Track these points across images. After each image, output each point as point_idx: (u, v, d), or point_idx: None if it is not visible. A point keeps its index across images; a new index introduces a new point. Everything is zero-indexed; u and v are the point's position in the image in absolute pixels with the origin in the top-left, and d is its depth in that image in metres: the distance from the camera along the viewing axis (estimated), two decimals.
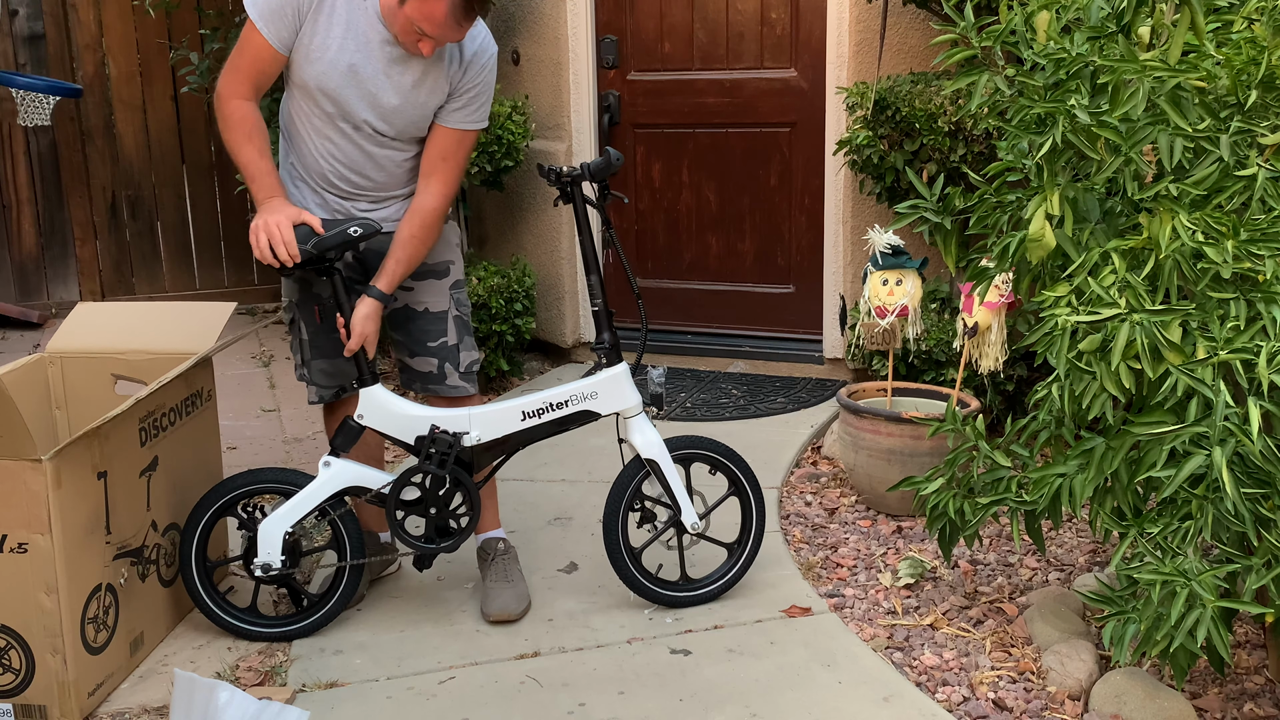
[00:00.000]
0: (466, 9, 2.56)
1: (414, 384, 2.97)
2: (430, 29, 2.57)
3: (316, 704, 2.54)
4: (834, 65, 4.48)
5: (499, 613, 2.87)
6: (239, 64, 2.69)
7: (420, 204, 2.79)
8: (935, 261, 4.28)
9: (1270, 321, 2.20)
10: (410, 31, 2.60)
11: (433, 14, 2.55)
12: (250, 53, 2.67)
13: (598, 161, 2.75)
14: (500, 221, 5.37)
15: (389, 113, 2.73)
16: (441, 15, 2.55)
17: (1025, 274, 2.67)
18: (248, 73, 2.69)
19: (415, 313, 2.91)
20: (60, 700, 2.47)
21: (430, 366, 2.93)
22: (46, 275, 6.10)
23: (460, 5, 2.55)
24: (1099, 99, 2.44)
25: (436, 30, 2.58)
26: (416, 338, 2.92)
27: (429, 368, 2.93)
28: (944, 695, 2.57)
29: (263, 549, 2.74)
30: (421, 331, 2.92)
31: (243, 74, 2.69)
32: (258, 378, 5.03)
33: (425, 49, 2.63)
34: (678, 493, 2.87)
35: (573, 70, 4.89)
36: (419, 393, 2.99)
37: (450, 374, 2.94)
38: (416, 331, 2.92)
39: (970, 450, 2.83)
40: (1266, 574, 2.18)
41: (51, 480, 2.38)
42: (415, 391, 2.99)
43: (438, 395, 2.96)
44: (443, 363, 2.93)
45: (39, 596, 2.42)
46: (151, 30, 5.98)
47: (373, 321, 2.73)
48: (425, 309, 2.91)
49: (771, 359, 4.87)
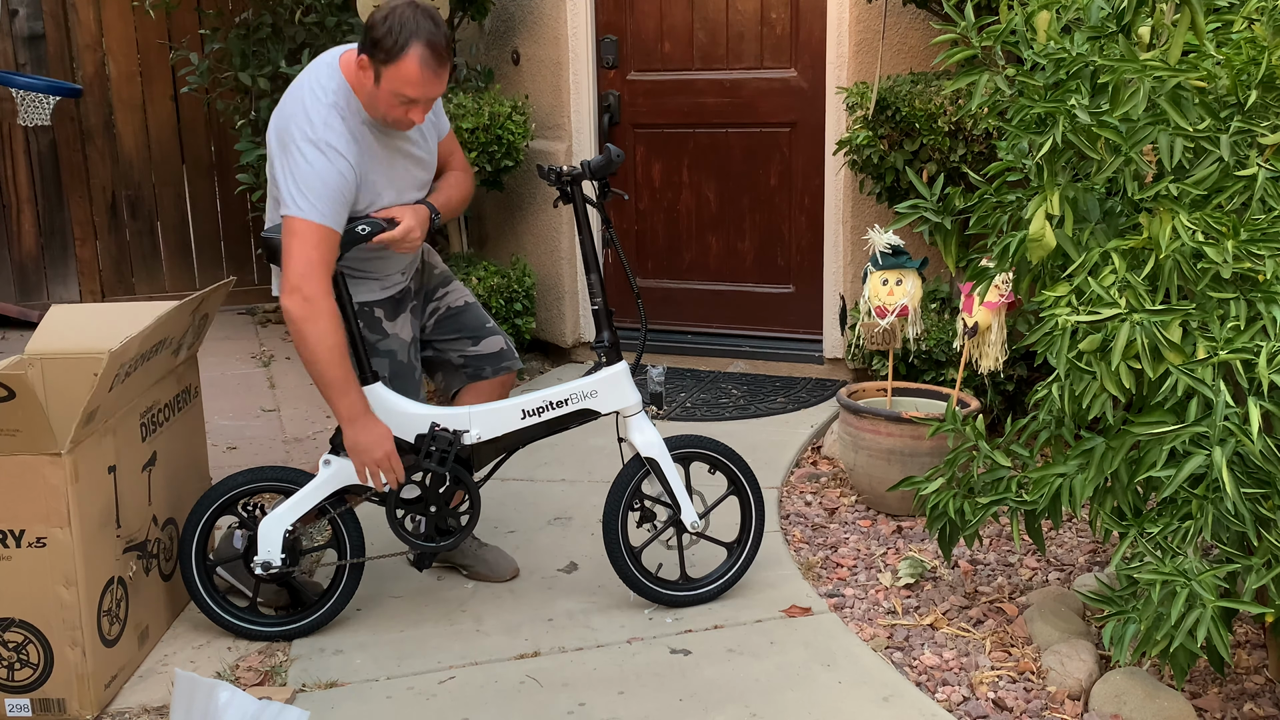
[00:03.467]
0: (437, 58, 2.57)
1: (485, 369, 3.05)
2: (413, 91, 2.57)
3: (316, 704, 2.54)
4: (834, 65, 4.48)
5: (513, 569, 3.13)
6: (318, 260, 2.57)
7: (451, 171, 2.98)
8: (935, 261, 4.28)
9: (1270, 321, 2.20)
10: (396, 105, 2.60)
11: (407, 75, 2.55)
12: (326, 246, 2.59)
13: (598, 159, 2.75)
14: (500, 221, 5.37)
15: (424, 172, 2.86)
16: (415, 73, 2.55)
17: (1025, 274, 2.67)
18: (330, 265, 2.61)
19: (460, 308, 3.05)
20: (79, 693, 2.50)
21: (499, 344, 3.06)
22: (46, 275, 6.09)
23: (429, 56, 2.55)
24: (1099, 99, 2.44)
25: (419, 90, 2.58)
26: (475, 325, 3.05)
27: (499, 345, 3.06)
28: (944, 695, 2.57)
29: (263, 547, 2.74)
30: (475, 318, 3.06)
31: (325, 269, 2.59)
32: (258, 378, 5.03)
33: (416, 116, 2.64)
34: (677, 492, 2.87)
35: (573, 70, 4.89)
36: (490, 376, 3.05)
37: (513, 348, 3.11)
38: (472, 320, 3.05)
39: (970, 450, 2.83)
40: (1266, 574, 2.18)
41: (70, 474, 2.42)
42: (485, 378, 3.05)
43: (510, 372, 3.08)
44: (504, 339, 3.08)
45: (58, 590, 2.46)
46: (151, 30, 5.98)
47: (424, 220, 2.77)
48: (466, 302, 3.07)
49: (771, 359, 4.87)
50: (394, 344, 2.85)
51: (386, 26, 2.53)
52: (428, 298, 3.02)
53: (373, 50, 2.56)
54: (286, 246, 2.58)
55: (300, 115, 2.61)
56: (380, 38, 2.54)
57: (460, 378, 3.06)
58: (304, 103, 2.62)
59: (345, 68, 2.66)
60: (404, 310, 2.89)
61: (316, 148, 2.57)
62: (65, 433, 2.44)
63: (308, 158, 2.57)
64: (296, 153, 2.58)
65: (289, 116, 2.63)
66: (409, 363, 2.88)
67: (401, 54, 2.53)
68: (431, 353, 3.05)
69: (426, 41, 2.54)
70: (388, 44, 2.53)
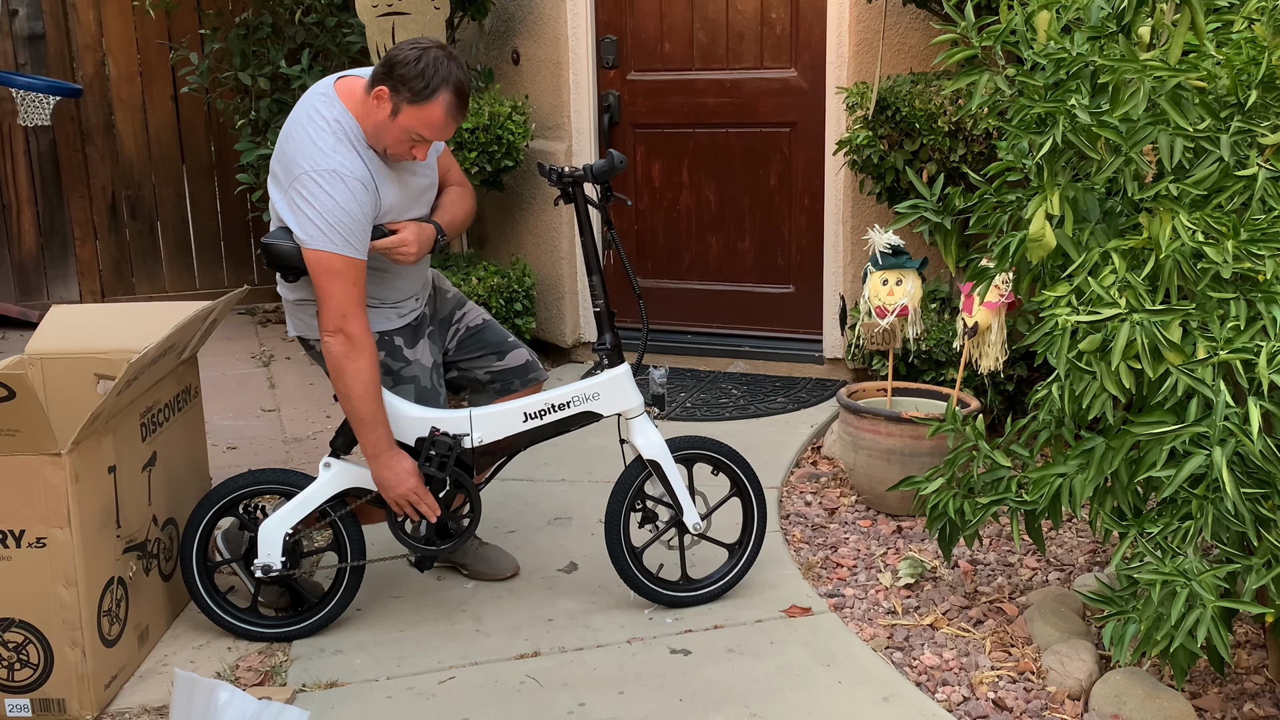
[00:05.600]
0: (461, 106, 2.62)
1: (514, 383, 3.05)
2: (430, 133, 2.61)
3: (316, 704, 2.54)
4: (834, 65, 4.48)
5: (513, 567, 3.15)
6: (355, 295, 2.61)
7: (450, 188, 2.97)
8: (935, 261, 4.28)
9: (1270, 321, 2.20)
10: (404, 141, 2.62)
11: (431, 119, 2.58)
12: (357, 278, 2.61)
13: (601, 163, 2.75)
14: (500, 221, 5.37)
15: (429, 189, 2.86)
16: (440, 119, 2.59)
17: (1025, 274, 2.67)
18: (364, 298, 2.65)
19: (479, 325, 3.06)
20: (79, 693, 2.50)
21: (525, 357, 3.07)
22: (46, 275, 6.09)
23: (454, 104, 2.59)
24: (1099, 99, 2.44)
25: (436, 133, 2.61)
26: (497, 340, 3.06)
27: (524, 358, 3.07)
28: (944, 695, 2.57)
29: (263, 550, 2.74)
30: (496, 334, 3.07)
31: (363, 304, 2.64)
32: (258, 378, 5.03)
33: (420, 153, 2.66)
34: (680, 493, 2.87)
35: (573, 70, 4.89)
36: (520, 389, 3.05)
37: (537, 359, 3.11)
38: (493, 336, 3.06)
39: (970, 450, 2.83)
40: (1266, 574, 2.18)
41: (70, 474, 2.42)
42: (515, 390, 3.05)
43: (538, 383, 3.09)
44: (528, 351, 3.09)
45: (58, 590, 2.46)
46: (151, 30, 5.98)
47: (426, 239, 2.77)
48: (483, 320, 3.07)
49: (771, 359, 4.87)
50: (416, 370, 2.85)
51: (419, 69, 2.55)
52: (445, 322, 3.03)
53: (397, 86, 2.56)
54: (322, 284, 2.59)
55: (308, 147, 2.59)
56: (410, 77, 2.55)
57: (489, 394, 3.06)
58: (308, 134, 2.61)
59: (346, 96, 2.65)
60: (422, 336, 2.90)
61: (335, 177, 2.57)
62: (66, 433, 2.44)
63: (327, 189, 2.56)
64: (314, 185, 2.56)
65: (295, 150, 2.61)
66: (433, 388, 2.88)
67: (431, 98, 2.56)
68: (456, 374, 3.05)
69: (455, 89, 2.59)
70: (418, 86, 2.55)
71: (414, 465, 2.71)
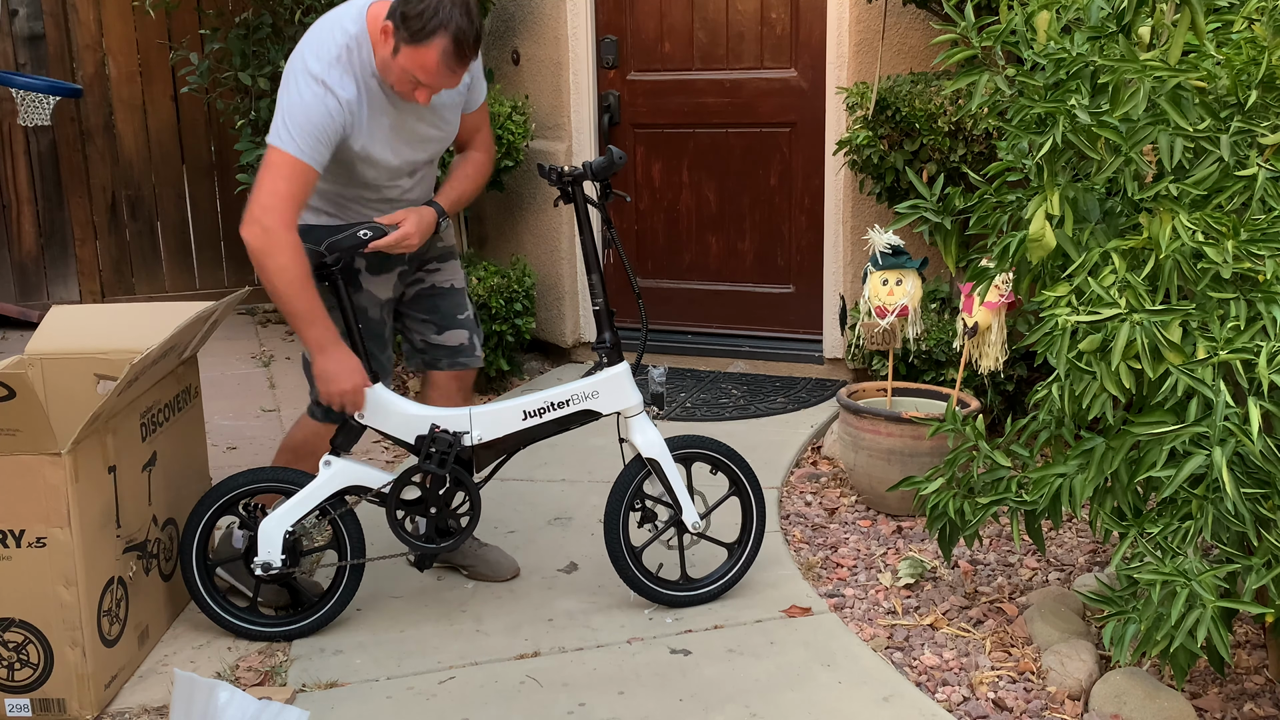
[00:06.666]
0: (459, 55, 2.55)
1: (440, 361, 3.02)
2: (425, 77, 2.57)
3: (316, 704, 2.54)
4: (834, 65, 4.48)
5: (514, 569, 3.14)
6: (285, 193, 2.54)
7: (471, 156, 2.93)
8: (935, 261, 4.28)
9: (1270, 321, 2.20)
10: (406, 81, 2.59)
11: (425, 62, 2.54)
12: (299, 181, 2.56)
13: (600, 161, 2.75)
14: (500, 221, 5.37)
15: (432, 141, 2.81)
16: (434, 63, 2.54)
17: (1025, 274, 2.67)
18: (298, 200, 2.57)
19: (444, 290, 3.01)
20: (79, 693, 2.50)
21: (462, 339, 3.02)
22: (46, 275, 6.10)
23: (451, 51, 2.53)
24: (1099, 99, 2.44)
25: (431, 79, 2.57)
26: (448, 313, 3.00)
27: (460, 340, 3.02)
28: (944, 695, 2.57)
29: (263, 548, 2.74)
30: (453, 306, 3.01)
31: (292, 202, 2.56)
32: (258, 378, 5.03)
33: (421, 98, 2.61)
34: (679, 492, 2.87)
35: (573, 70, 4.89)
36: (445, 369, 3.02)
37: (477, 345, 3.06)
38: (448, 307, 3.00)
39: (970, 450, 2.83)
40: (1266, 574, 2.18)
41: (70, 474, 2.42)
42: (440, 369, 3.02)
43: (466, 369, 3.04)
44: (471, 334, 3.04)
45: (58, 590, 2.46)
46: (151, 30, 5.98)
47: (427, 227, 2.77)
48: (452, 285, 3.02)
49: (771, 359, 4.87)
50: (366, 300, 2.85)
51: (420, 8, 2.50)
52: (420, 264, 2.98)
53: (399, 23, 2.53)
54: (260, 176, 2.56)
55: (312, 47, 2.60)
56: (410, 16, 2.50)
57: (417, 361, 3.06)
58: (320, 37, 2.61)
59: (371, 21, 2.63)
60: (390, 270, 2.87)
61: (313, 82, 2.56)
62: (66, 433, 2.44)
63: (301, 90, 2.56)
64: (294, 83, 2.58)
65: (303, 46, 2.62)
66: (380, 319, 2.88)
67: (426, 40, 2.51)
68: (400, 325, 3.03)
69: (454, 36, 2.51)
70: (415, 25, 2.50)
71: (359, 364, 2.68)
